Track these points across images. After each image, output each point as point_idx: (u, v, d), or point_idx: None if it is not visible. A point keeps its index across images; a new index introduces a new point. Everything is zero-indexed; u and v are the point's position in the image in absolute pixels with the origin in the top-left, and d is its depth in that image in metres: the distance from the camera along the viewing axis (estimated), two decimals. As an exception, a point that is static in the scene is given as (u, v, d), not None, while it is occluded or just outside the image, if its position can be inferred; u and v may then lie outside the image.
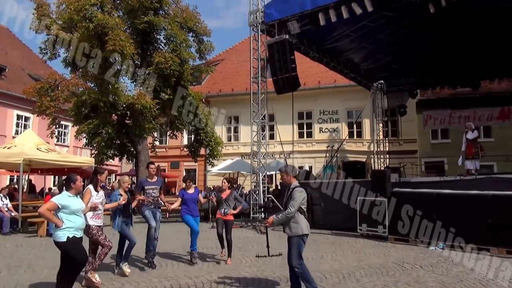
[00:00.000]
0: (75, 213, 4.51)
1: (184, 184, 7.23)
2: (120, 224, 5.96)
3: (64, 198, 4.49)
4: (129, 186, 6.38)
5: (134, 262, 6.74)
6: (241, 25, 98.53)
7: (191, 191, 7.02)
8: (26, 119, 23.25)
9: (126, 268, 6.02)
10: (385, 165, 17.99)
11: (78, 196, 4.74)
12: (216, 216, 7.37)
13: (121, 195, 5.97)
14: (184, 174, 24.36)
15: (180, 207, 7.07)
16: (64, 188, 4.67)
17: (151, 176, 6.84)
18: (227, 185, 7.39)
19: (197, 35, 17.61)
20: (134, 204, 6.39)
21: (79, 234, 4.53)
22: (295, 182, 4.90)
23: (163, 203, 6.96)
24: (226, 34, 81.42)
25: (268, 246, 7.44)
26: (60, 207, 4.41)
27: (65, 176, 5.02)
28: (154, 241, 6.59)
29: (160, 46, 17.10)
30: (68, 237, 4.41)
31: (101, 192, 5.65)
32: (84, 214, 4.83)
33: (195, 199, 7.06)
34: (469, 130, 12.61)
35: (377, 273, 6.13)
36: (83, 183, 5.07)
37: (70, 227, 4.44)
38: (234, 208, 7.29)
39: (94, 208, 5.32)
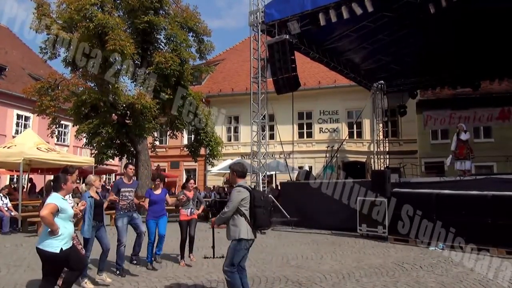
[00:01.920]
0: (70, 218, 4.07)
1: (152, 184, 6.98)
2: (89, 230, 5.44)
3: (60, 201, 4.02)
4: (100, 185, 5.93)
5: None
6: (242, 25, 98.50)
7: (158, 192, 6.77)
8: (26, 118, 23.25)
9: (104, 277, 5.50)
10: (385, 165, 17.99)
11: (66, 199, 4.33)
12: (180, 217, 7.02)
13: (92, 197, 5.52)
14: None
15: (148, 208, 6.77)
16: (52, 189, 4.15)
17: (128, 178, 6.49)
18: (194, 185, 7.24)
19: (197, 35, 17.61)
20: (105, 205, 5.99)
21: (70, 243, 4.08)
22: (239, 182, 4.52)
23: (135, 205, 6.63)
24: (227, 34, 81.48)
25: (213, 247, 7.18)
26: (59, 210, 3.94)
27: (54, 176, 4.53)
28: (142, 237, 6.37)
29: (160, 46, 17.10)
30: (61, 249, 3.90)
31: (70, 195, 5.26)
32: None
33: (162, 200, 6.81)
34: (462, 131, 12.67)
35: (376, 273, 6.13)
36: (73, 184, 4.63)
37: (64, 235, 3.94)
38: (197, 208, 7.24)
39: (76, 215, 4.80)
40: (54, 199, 4.01)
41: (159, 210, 6.74)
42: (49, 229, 3.86)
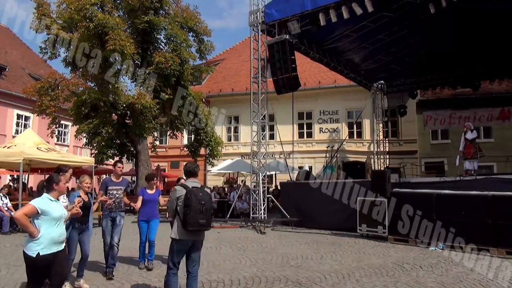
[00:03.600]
0: (55, 222, 3.75)
1: (146, 184, 6.85)
2: (69, 230, 4.96)
3: (45, 202, 3.74)
4: (90, 186, 5.61)
5: (133, 262, 6.74)
6: (244, 26, 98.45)
7: (151, 191, 6.62)
8: (26, 118, 23.24)
9: (81, 283, 5.23)
10: (385, 166, 18.00)
11: (60, 200, 4.08)
12: None
13: (80, 196, 5.12)
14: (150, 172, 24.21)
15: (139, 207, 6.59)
16: (44, 189, 3.91)
17: (116, 176, 6.32)
18: None
19: (198, 35, 17.64)
20: (95, 207, 5.76)
21: (54, 249, 3.70)
22: (187, 180, 4.49)
23: (124, 205, 6.35)
24: (229, 35, 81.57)
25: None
26: (39, 212, 3.64)
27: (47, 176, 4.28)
28: (115, 250, 5.98)
29: (161, 46, 17.12)
30: (38, 253, 3.58)
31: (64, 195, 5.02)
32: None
33: (156, 200, 6.65)
34: (468, 130, 12.63)
35: (376, 274, 6.13)
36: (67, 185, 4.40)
37: (43, 239, 3.63)
38: None
39: (76, 215, 4.53)
40: (38, 200, 3.78)
41: (151, 211, 6.58)
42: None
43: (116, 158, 18.97)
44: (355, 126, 21.77)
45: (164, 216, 10.77)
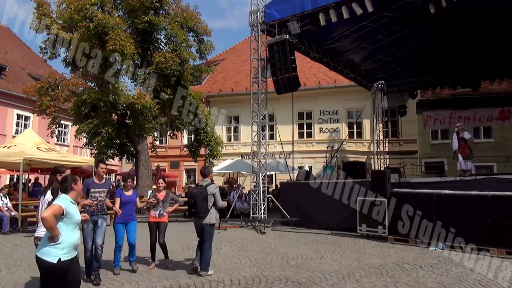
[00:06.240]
0: (75, 226, 3.59)
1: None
2: None
3: (68, 203, 3.53)
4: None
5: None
6: (245, 26, 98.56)
7: (129, 193, 6.40)
8: (26, 118, 23.26)
9: None
10: (385, 166, 18.00)
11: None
12: (149, 218, 6.69)
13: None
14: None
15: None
16: (61, 190, 3.68)
17: (99, 178, 6.00)
18: (164, 185, 6.91)
19: (198, 35, 17.63)
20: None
21: (73, 254, 3.54)
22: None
23: (107, 208, 6.07)
24: (230, 35, 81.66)
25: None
26: (64, 213, 3.44)
27: (62, 176, 4.14)
28: (99, 253, 5.69)
29: (161, 46, 17.09)
30: (59, 259, 3.36)
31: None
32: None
33: (133, 202, 6.44)
34: (464, 131, 12.68)
35: (376, 274, 6.13)
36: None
37: (65, 243, 3.43)
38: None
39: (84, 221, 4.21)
40: (61, 200, 3.54)
41: (129, 213, 6.33)
42: (49, 235, 3.41)
43: (116, 159, 18.99)
44: (355, 126, 21.78)
45: (141, 216, 10.56)
